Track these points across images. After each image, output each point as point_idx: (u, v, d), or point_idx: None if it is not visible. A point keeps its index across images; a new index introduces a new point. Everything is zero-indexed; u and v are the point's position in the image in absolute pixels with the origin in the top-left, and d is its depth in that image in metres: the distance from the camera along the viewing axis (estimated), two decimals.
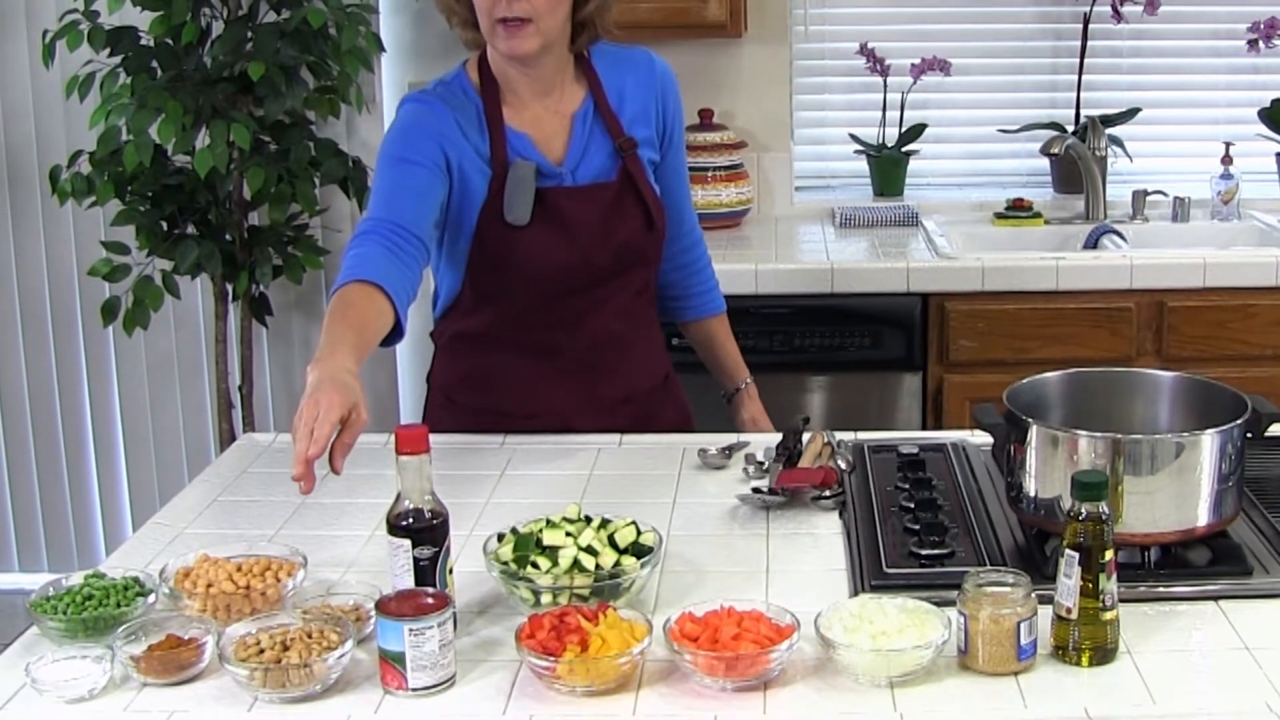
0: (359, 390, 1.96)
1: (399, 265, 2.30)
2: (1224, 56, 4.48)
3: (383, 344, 2.26)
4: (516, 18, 2.37)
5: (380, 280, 2.24)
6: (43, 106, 4.34)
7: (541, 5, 2.37)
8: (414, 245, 2.34)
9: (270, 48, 3.74)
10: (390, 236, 2.32)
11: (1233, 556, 1.93)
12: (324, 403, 1.88)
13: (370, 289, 2.23)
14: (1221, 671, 1.70)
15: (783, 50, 4.39)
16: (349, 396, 1.92)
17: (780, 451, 2.37)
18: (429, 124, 2.47)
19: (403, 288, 2.28)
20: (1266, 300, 3.69)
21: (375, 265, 2.27)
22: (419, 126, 2.47)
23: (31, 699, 1.69)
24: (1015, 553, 1.99)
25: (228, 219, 3.96)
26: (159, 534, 2.19)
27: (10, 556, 4.70)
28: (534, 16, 2.37)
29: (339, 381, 1.94)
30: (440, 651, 1.66)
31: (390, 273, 2.27)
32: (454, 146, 2.46)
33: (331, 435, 1.87)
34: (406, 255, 2.32)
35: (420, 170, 2.42)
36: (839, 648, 1.67)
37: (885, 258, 3.81)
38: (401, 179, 2.42)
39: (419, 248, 2.35)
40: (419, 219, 2.38)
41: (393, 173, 2.43)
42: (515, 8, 2.36)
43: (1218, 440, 1.89)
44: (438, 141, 2.45)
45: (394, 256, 2.30)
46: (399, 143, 2.46)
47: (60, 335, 4.52)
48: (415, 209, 2.39)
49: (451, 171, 2.46)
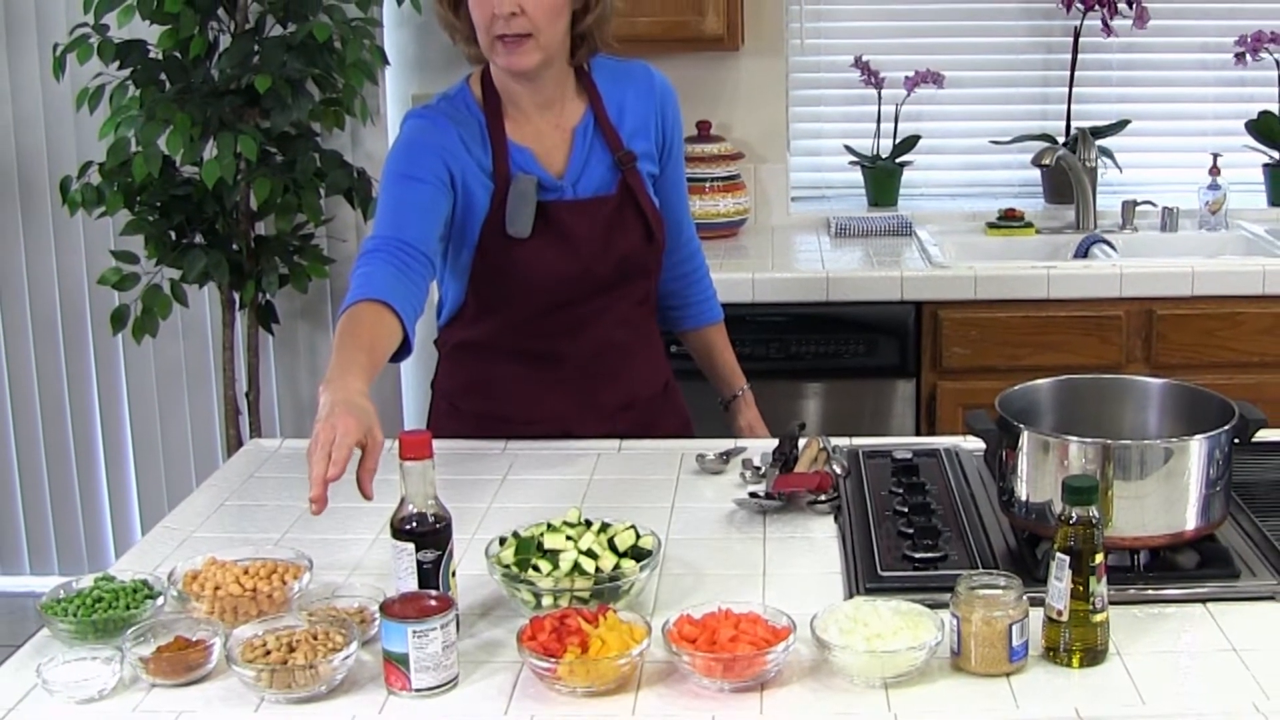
0: (373, 413, 1.95)
1: (406, 283, 2.29)
2: (1212, 69, 4.49)
3: (392, 360, 2.25)
4: (515, 34, 2.37)
5: (388, 298, 2.23)
6: (53, 118, 4.35)
7: (540, 20, 2.37)
8: (420, 262, 2.34)
9: (277, 61, 3.74)
10: (397, 254, 2.31)
11: (1220, 560, 1.93)
12: (340, 427, 1.87)
13: (379, 307, 2.22)
14: (1209, 672, 1.70)
15: (779, 63, 4.40)
16: (364, 420, 1.91)
17: (777, 457, 2.37)
18: (432, 139, 2.46)
19: (410, 305, 2.27)
20: (1253, 308, 3.70)
21: (383, 284, 2.26)
22: (422, 142, 2.47)
23: (42, 699, 1.69)
24: (1007, 556, 1.99)
25: (235, 229, 3.97)
26: (167, 538, 2.19)
27: (21, 559, 4.71)
28: (533, 32, 2.37)
29: (353, 404, 1.93)
30: (443, 653, 1.66)
31: (397, 290, 2.26)
32: (457, 161, 2.46)
33: (349, 458, 1.86)
34: (413, 272, 2.31)
35: (424, 187, 2.42)
36: (834, 649, 1.67)
37: (880, 267, 3.81)
38: (406, 196, 2.42)
39: (425, 264, 2.35)
40: (424, 235, 2.38)
41: (397, 189, 2.43)
42: (513, 24, 2.36)
43: (1205, 446, 1.89)
44: (441, 157, 2.44)
45: (401, 274, 2.30)
46: (403, 159, 2.46)
47: (70, 343, 4.53)
48: (420, 226, 2.38)
49: (455, 186, 2.45)
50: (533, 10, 2.35)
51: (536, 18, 2.36)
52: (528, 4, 2.35)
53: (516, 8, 2.34)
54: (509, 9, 2.34)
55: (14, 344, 4.53)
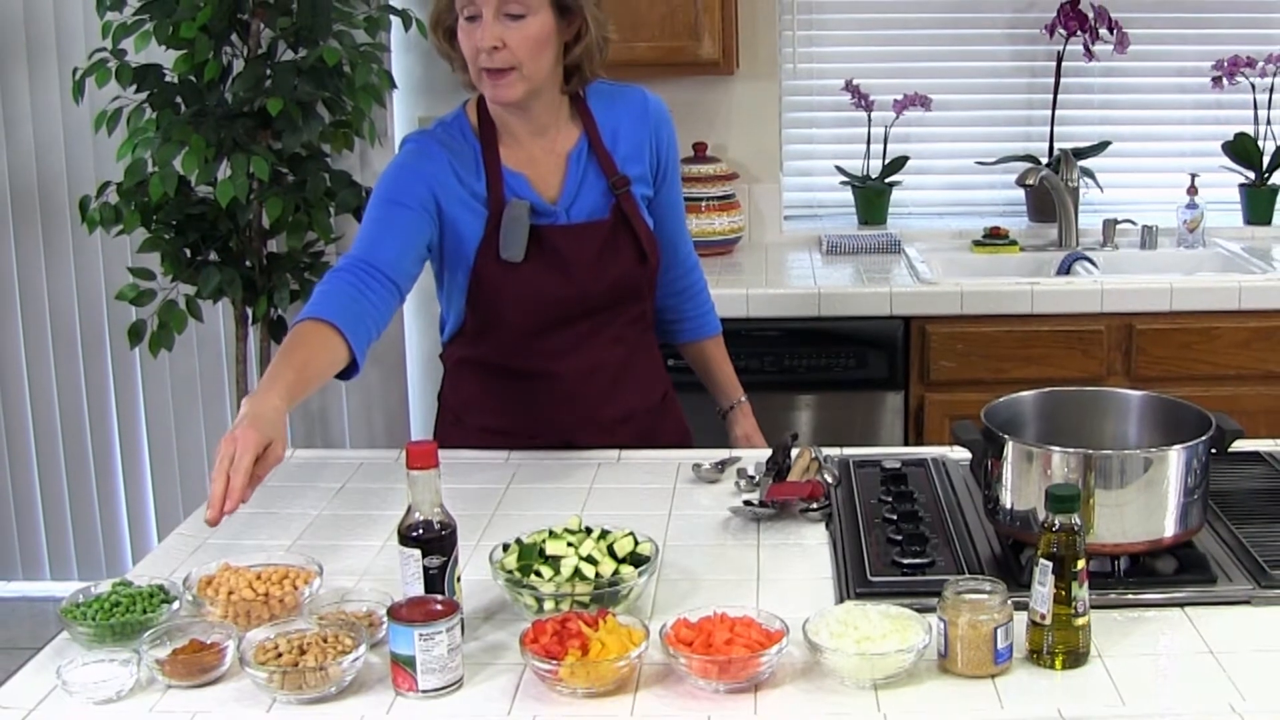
0: (280, 427, 1.98)
1: (362, 304, 2.29)
2: (1190, 93, 4.50)
3: (339, 377, 2.26)
4: (498, 67, 2.36)
5: (335, 319, 2.22)
6: (73, 140, 4.35)
7: (522, 55, 2.35)
8: (384, 285, 2.33)
9: (288, 85, 3.75)
10: (361, 275, 2.32)
11: (1198, 566, 1.94)
12: (239, 441, 1.90)
13: (324, 328, 2.21)
14: (1187, 674, 1.70)
15: (772, 87, 4.41)
16: (265, 434, 1.93)
17: (770, 466, 2.37)
18: (423, 166, 2.45)
19: (361, 326, 2.26)
20: (1229, 323, 3.70)
21: (335, 303, 2.26)
22: (412, 168, 2.45)
23: (62, 700, 1.69)
24: (992, 562, 1.99)
25: (248, 246, 3.97)
26: (183, 544, 2.19)
27: (42, 565, 4.70)
28: (516, 65, 2.35)
29: (260, 418, 1.95)
30: (449, 655, 1.66)
31: (349, 311, 2.26)
32: (444, 190, 2.44)
33: (248, 475, 1.89)
34: (373, 294, 2.31)
35: (406, 212, 2.41)
36: (826, 651, 1.68)
37: (869, 283, 3.82)
38: (386, 219, 2.41)
39: (388, 288, 2.34)
40: (396, 260, 2.37)
41: (378, 212, 2.42)
42: (496, 58, 2.34)
43: (1183, 456, 1.89)
44: (428, 185, 2.43)
45: (358, 296, 2.29)
46: (391, 184, 2.45)
47: (89, 356, 4.53)
48: (394, 250, 2.38)
49: (441, 214, 2.44)
50: (515, 45, 2.34)
51: (519, 52, 2.35)
52: (510, 39, 2.34)
53: (499, 42, 2.33)
54: (491, 43, 2.33)
55: (35, 357, 4.53)
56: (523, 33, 2.34)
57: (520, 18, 2.34)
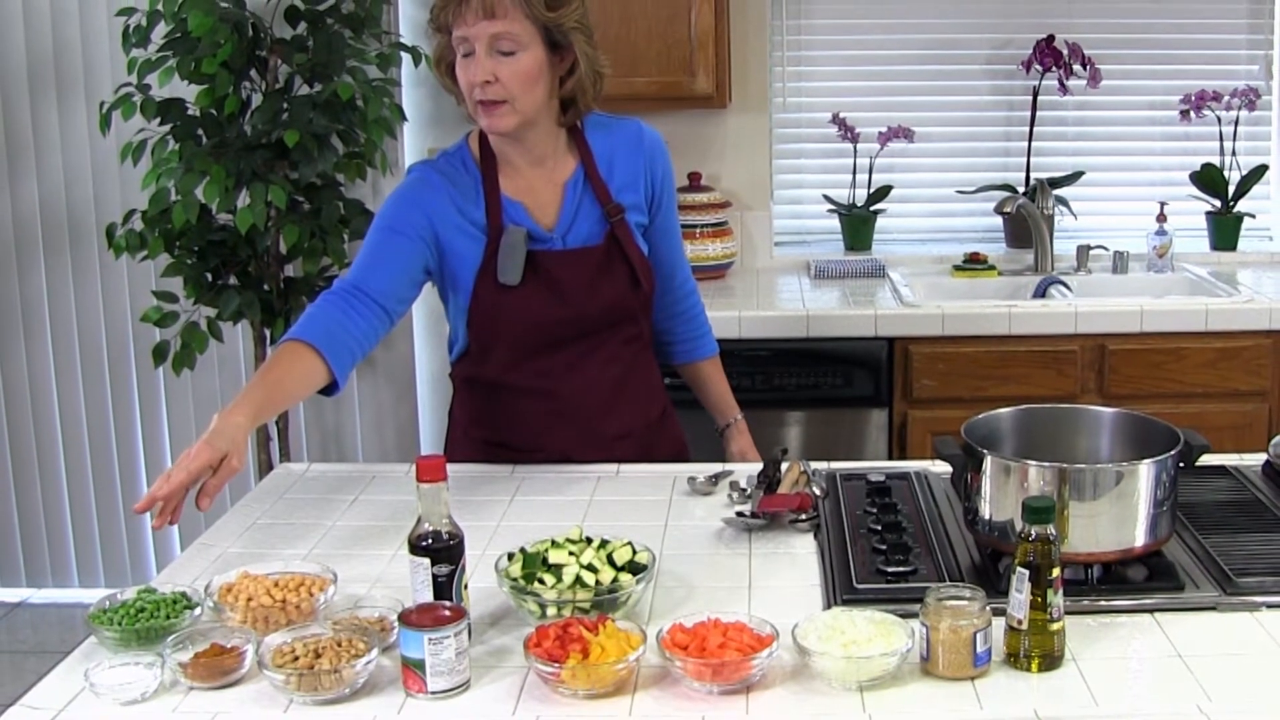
0: (238, 442, 2.05)
1: (348, 326, 2.32)
2: (1159, 125, 4.51)
3: (322, 393, 2.31)
4: (490, 100, 2.37)
5: (315, 340, 2.27)
6: (100, 170, 4.36)
7: (514, 88, 2.35)
8: (372, 310, 2.37)
9: (304, 117, 3.76)
10: (350, 299, 2.36)
11: (1167, 574, 1.94)
12: (194, 452, 2.00)
13: (303, 348, 2.27)
14: (1157, 677, 1.70)
15: (763, 119, 4.42)
16: (219, 449, 2.02)
17: (761, 479, 2.37)
18: (422, 195, 2.47)
19: (345, 348, 2.30)
20: (1197, 344, 3.70)
21: (319, 325, 2.31)
22: (413, 198, 2.47)
23: (90, 701, 1.69)
24: (972, 570, 1.99)
25: (266, 271, 3.97)
26: (204, 553, 2.20)
27: (70, 573, 4.70)
28: (508, 99, 2.36)
29: (218, 434, 2.04)
30: (456, 658, 1.67)
31: (333, 334, 2.30)
32: (442, 218, 2.45)
33: (186, 481, 1.97)
34: (360, 318, 2.34)
35: (403, 241, 2.43)
36: (814, 655, 1.68)
37: (855, 306, 3.82)
38: (381, 245, 2.44)
39: (376, 311, 2.37)
40: (389, 287, 2.40)
41: (376, 238, 2.45)
42: (489, 91, 2.35)
43: (1153, 469, 1.89)
44: (427, 215, 2.45)
45: (344, 319, 2.33)
46: (391, 212, 2.47)
47: (115, 375, 4.53)
48: (387, 277, 2.41)
49: (439, 241, 2.46)
50: (507, 79, 2.35)
51: (510, 86, 2.35)
52: (502, 73, 2.34)
53: (491, 76, 2.34)
54: (483, 78, 2.34)
55: (64, 376, 4.53)
56: (513, 68, 2.35)
57: (511, 54, 2.35)
